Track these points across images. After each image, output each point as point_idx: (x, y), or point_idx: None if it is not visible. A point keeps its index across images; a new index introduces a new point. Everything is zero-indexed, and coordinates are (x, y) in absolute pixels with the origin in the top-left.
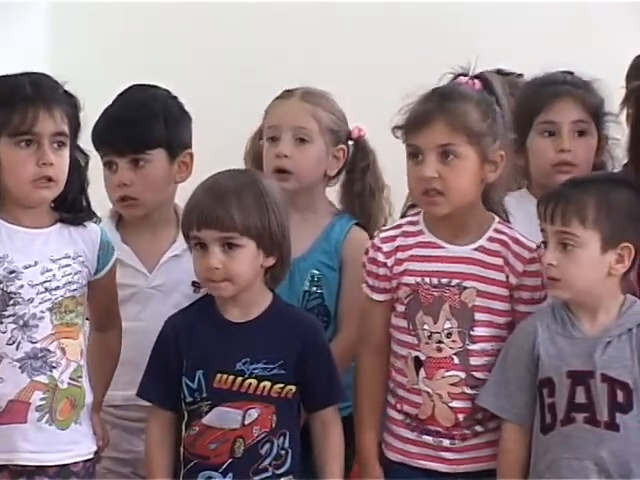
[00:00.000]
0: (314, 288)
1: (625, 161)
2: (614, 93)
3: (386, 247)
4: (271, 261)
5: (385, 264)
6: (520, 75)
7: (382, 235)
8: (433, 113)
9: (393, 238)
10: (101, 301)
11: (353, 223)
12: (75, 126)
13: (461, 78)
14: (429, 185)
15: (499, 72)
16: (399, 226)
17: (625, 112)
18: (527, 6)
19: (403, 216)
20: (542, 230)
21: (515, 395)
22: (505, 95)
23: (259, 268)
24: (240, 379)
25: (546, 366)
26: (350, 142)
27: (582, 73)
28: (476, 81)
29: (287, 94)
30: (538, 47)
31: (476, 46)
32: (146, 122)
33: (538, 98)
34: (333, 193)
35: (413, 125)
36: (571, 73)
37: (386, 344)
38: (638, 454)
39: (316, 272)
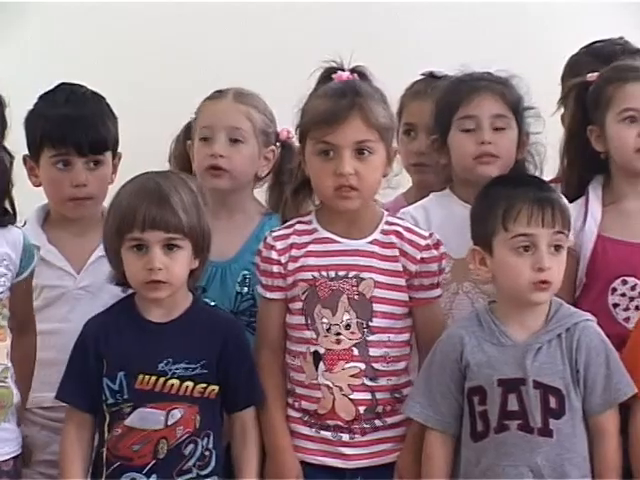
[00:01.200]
0: (245, 289)
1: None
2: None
3: (280, 245)
4: (197, 263)
5: (279, 261)
6: None
7: (275, 234)
8: (349, 110)
9: (287, 236)
10: (20, 304)
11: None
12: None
13: (340, 72)
14: (345, 182)
15: (432, 75)
16: (290, 226)
17: (561, 112)
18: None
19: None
20: (525, 235)
21: (439, 403)
22: None
23: (189, 270)
24: (162, 379)
25: (476, 374)
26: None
27: (501, 70)
28: (355, 74)
29: (219, 94)
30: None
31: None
32: (103, 122)
33: (457, 94)
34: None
35: (328, 122)
36: (489, 73)
37: (283, 342)
38: (572, 459)
39: (247, 273)
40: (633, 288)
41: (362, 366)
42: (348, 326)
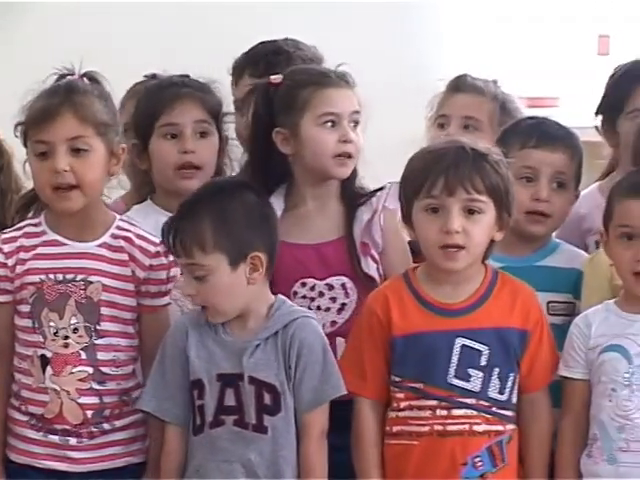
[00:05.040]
0: None
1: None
2: None
3: (7, 248)
4: None
5: (5, 264)
6: None
7: (3, 237)
8: (60, 106)
9: (14, 239)
10: None
11: None
12: None
13: (69, 77)
14: (61, 179)
15: (155, 77)
16: (20, 228)
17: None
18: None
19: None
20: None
21: (176, 396)
22: None
23: None
24: None
25: (196, 368)
26: None
27: (199, 76)
28: (85, 79)
29: None
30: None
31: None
32: None
33: (158, 101)
34: None
35: (40, 120)
36: (187, 76)
37: (10, 346)
38: (287, 456)
39: None
40: (312, 288)
41: (90, 370)
42: (76, 330)
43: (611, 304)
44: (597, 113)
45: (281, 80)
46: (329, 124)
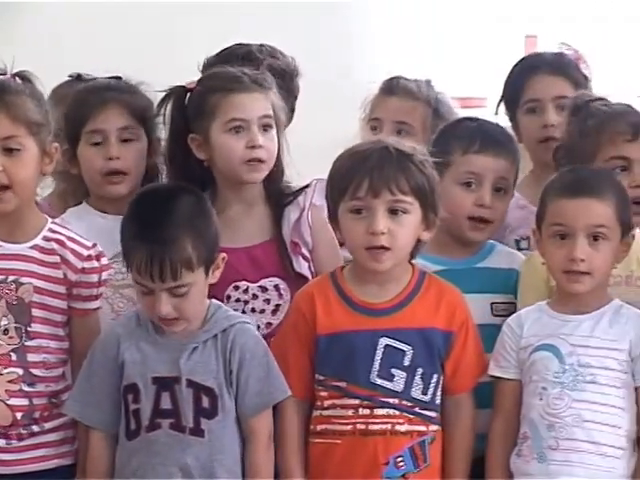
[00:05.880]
0: None
1: None
2: None
3: None
4: None
5: None
6: None
7: None
8: None
9: None
10: None
11: None
12: None
13: (1, 77)
14: None
15: (79, 78)
16: None
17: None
18: None
19: None
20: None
21: (102, 402)
22: None
23: None
24: None
25: (130, 372)
26: None
27: (130, 78)
28: (17, 78)
29: None
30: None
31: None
32: None
33: (85, 107)
34: None
35: None
36: (119, 78)
37: None
38: (222, 460)
39: None
40: (246, 291)
41: (20, 371)
42: (6, 331)
43: (544, 305)
44: (497, 112)
45: (195, 85)
46: (236, 130)
